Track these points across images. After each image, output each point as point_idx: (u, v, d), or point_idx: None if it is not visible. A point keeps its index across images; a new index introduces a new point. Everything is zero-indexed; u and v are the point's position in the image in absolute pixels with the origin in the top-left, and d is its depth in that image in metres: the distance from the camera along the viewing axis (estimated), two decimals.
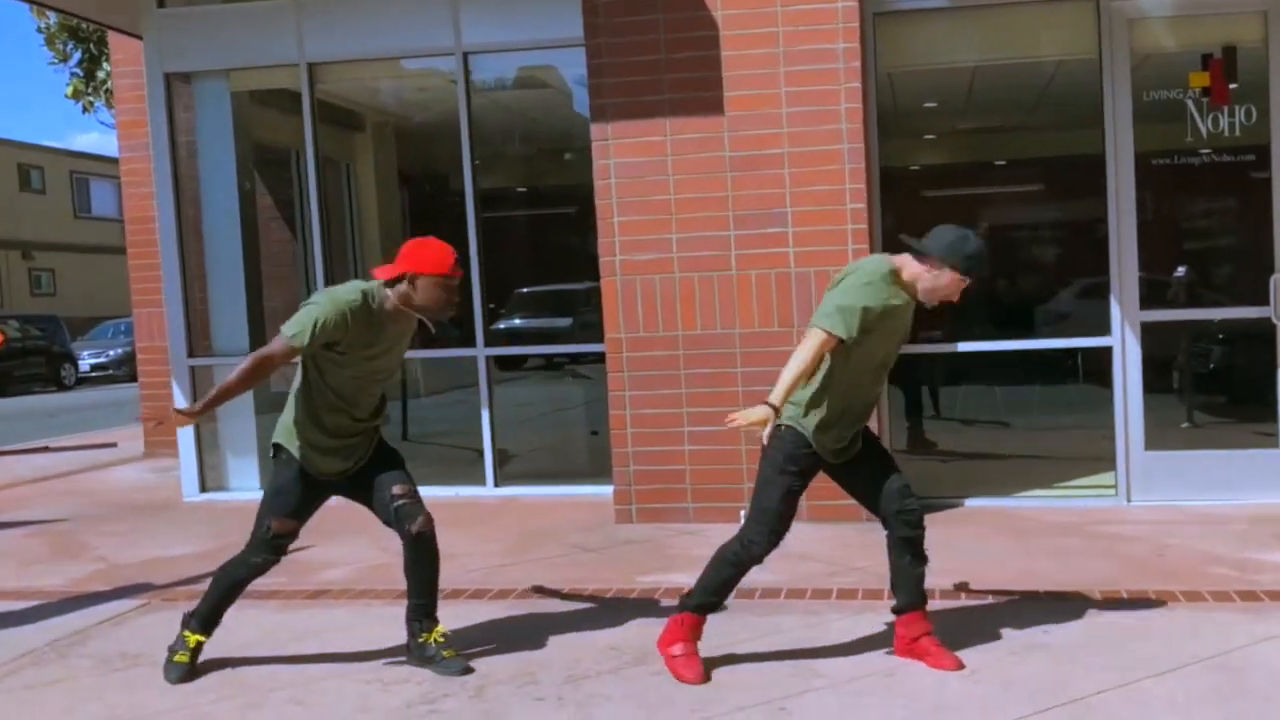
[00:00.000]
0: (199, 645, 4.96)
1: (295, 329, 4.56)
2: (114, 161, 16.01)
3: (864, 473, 4.84)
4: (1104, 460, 7.98)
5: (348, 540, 7.37)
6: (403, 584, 5.21)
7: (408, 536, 4.82)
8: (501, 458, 9.14)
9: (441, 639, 4.90)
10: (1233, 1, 7.56)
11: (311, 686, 4.79)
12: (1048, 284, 10.58)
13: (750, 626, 5.32)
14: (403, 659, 4.99)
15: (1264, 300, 7.52)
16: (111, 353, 29.50)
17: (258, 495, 8.91)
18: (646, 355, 7.61)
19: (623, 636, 5.26)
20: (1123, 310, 7.67)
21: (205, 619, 4.99)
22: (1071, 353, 8.60)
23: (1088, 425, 9.07)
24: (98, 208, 43.47)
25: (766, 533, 4.67)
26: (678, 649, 4.74)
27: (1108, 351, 7.75)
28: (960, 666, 4.65)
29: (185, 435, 9.34)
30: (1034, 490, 8.11)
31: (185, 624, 4.98)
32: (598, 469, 8.56)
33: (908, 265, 4.63)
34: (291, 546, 5.17)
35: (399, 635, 5.12)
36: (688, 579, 5.81)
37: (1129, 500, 7.73)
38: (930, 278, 4.58)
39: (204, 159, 9.41)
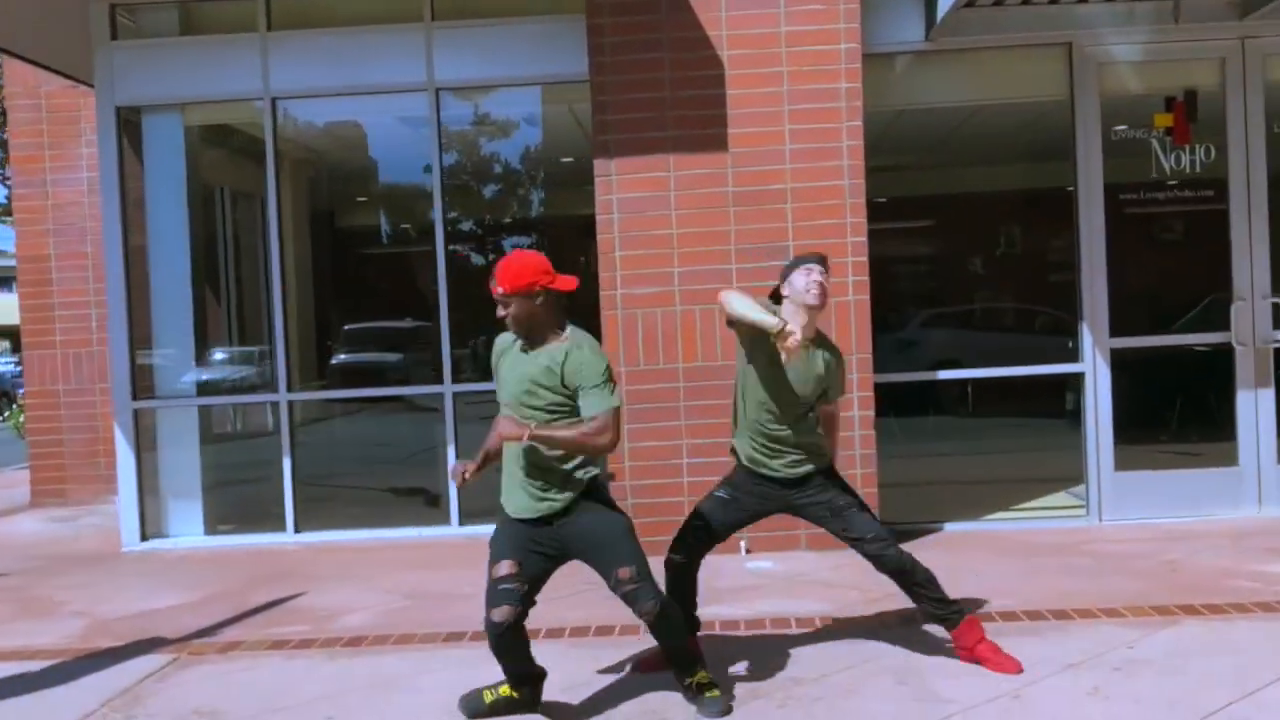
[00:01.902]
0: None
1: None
2: None
3: None
4: (1062, 482, 8.35)
5: (334, 587, 7.19)
6: (435, 626, 5.94)
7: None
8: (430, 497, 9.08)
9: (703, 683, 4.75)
10: (1193, 49, 8.03)
11: None
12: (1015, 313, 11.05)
13: (851, 652, 5.37)
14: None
15: (1226, 326, 8.00)
16: None
17: (202, 542, 8.75)
18: (646, 388, 7.61)
19: (715, 671, 5.23)
20: (1094, 338, 8.03)
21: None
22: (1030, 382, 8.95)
23: (1046, 449, 9.48)
24: None
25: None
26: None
27: (1079, 377, 8.10)
28: (1020, 669, 4.90)
29: (126, 481, 8.91)
30: (1004, 513, 8.40)
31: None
32: None
33: None
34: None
35: (471, 681, 4.98)
36: (729, 610, 6.02)
37: (1100, 519, 8.08)
38: None
39: (152, 196, 9.00)
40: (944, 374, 8.45)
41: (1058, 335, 8.95)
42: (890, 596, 6.30)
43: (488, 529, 8.39)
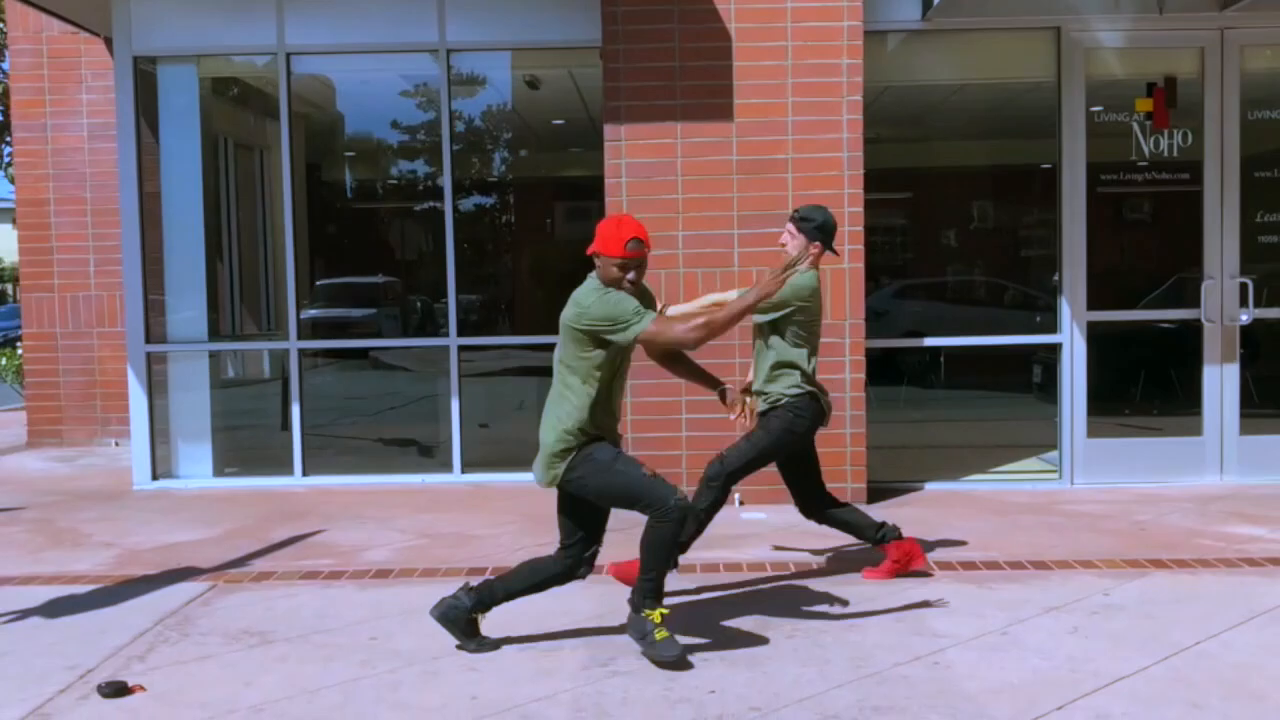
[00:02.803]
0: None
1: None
2: None
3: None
4: (1034, 449, 8.84)
5: (351, 526, 7.56)
6: (456, 562, 6.32)
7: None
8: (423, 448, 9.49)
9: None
10: (1175, 38, 8.46)
11: (472, 655, 5.01)
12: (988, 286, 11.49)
13: (849, 593, 5.80)
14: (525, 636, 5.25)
15: (1192, 304, 8.47)
16: None
17: (210, 483, 9.08)
18: None
19: (726, 608, 5.64)
20: (1071, 310, 8.47)
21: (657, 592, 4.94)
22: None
23: (1017, 419, 9.94)
24: None
25: None
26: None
27: (1057, 348, 8.55)
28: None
29: (139, 424, 9.20)
30: (980, 475, 8.84)
31: (637, 607, 4.89)
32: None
33: None
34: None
35: (501, 610, 5.30)
36: (730, 554, 6.53)
37: (1072, 483, 8.55)
38: None
39: (166, 145, 9.25)
40: (930, 341, 8.86)
41: (1029, 310, 9.40)
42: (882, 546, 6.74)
43: (489, 477, 8.91)
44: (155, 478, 9.22)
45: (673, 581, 5.98)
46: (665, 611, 4.88)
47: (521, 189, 10.40)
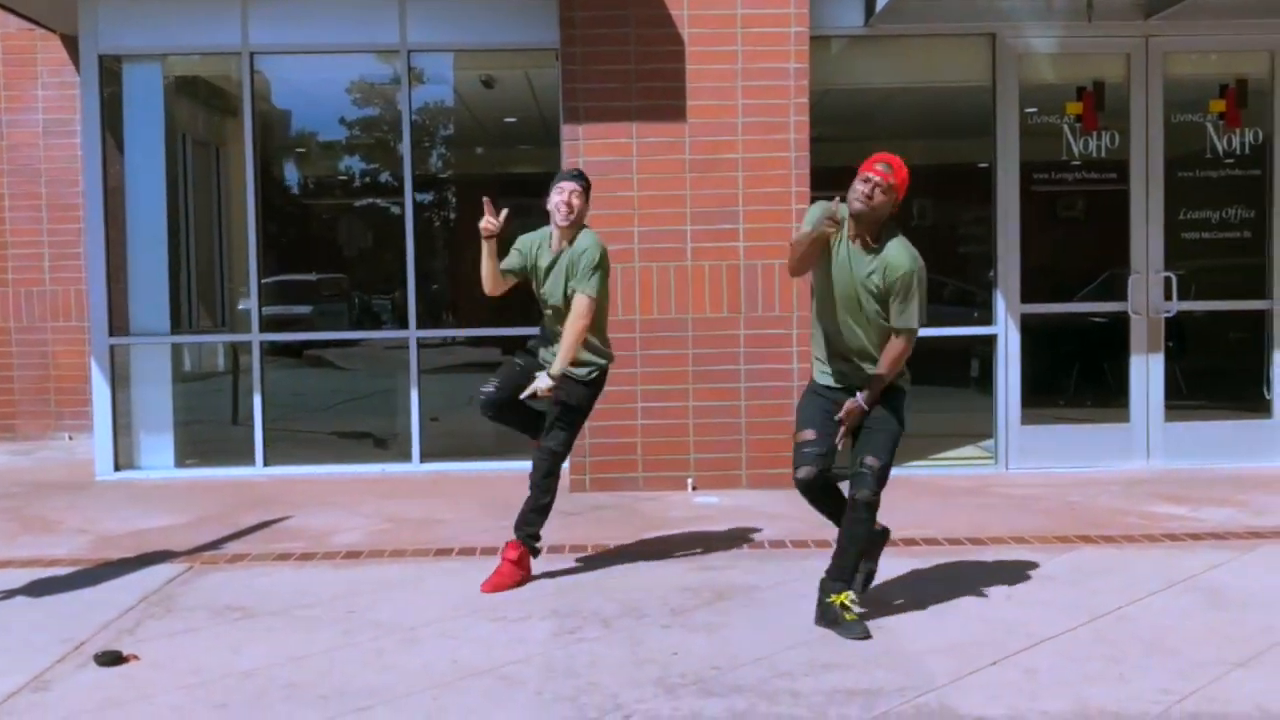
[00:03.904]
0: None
1: None
2: None
3: None
4: (970, 438, 9.30)
5: (318, 512, 7.82)
6: (423, 544, 6.64)
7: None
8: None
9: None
10: (1102, 44, 8.92)
11: (446, 625, 5.32)
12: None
13: (801, 567, 6.16)
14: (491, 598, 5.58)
15: (1123, 297, 8.93)
16: None
17: (172, 473, 9.28)
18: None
19: (686, 581, 5.98)
20: (1006, 303, 8.90)
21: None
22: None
23: (954, 410, 10.37)
24: None
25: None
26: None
27: (992, 339, 8.97)
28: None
29: (102, 415, 9.38)
30: (920, 461, 9.24)
31: (828, 590, 5.16)
32: (504, 447, 9.11)
33: None
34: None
35: (470, 585, 5.83)
36: (682, 534, 6.90)
37: (1007, 468, 8.97)
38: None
39: (130, 143, 9.45)
40: None
41: (967, 305, 9.81)
42: (829, 526, 7.10)
43: (449, 467, 9.20)
44: (118, 468, 9.40)
45: (639, 557, 6.36)
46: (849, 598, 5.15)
47: (476, 185, 10.64)
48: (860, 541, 5.22)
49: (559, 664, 4.78)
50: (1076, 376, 9.73)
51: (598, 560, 6.44)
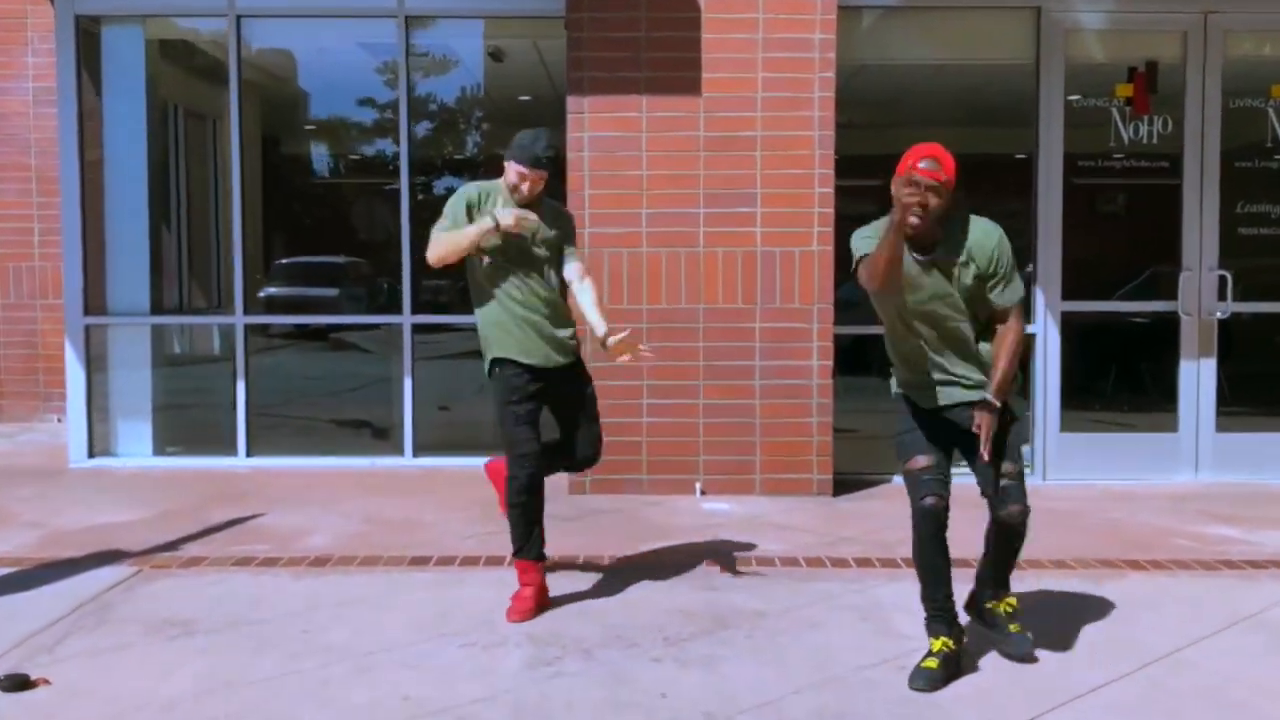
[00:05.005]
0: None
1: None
2: None
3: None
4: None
5: (292, 510, 7.24)
6: (399, 550, 6.08)
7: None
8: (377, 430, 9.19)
9: (1009, 610, 4.73)
10: (1157, 21, 8.20)
11: (407, 651, 4.70)
12: None
13: (813, 590, 5.52)
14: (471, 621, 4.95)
15: (1167, 296, 8.23)
16: None
17: (150, 462, 8.70)
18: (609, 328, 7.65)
19: (685, 603, 5.35)
20: (1046, 300, 8.21)
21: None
22: None
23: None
24: None
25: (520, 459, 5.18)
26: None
27: (1031, 339, 8.28)
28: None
29: (75, 399, 8.83)
30: (952, 469, 8.53)
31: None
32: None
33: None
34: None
35: (443, 602, 5.23)
36: (687, 544, 6.23)
37: (1044, 479, 8.28)
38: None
39: (110, 110, 8.86)
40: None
41: None
42: (846, 541, 6.50)
43: (441, 461, 8.57)
44: (92, 455, 8.85)
45: (635, 572, 5.72)
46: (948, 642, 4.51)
47: (481, 165, 10.02)
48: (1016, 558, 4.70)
49: (529, 705, 4.16)
50: (1118, 381, 9.02)
51: (588, 575, 5.80)
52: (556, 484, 7.81)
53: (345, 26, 9.09)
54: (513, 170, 5.14)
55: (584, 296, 5.33)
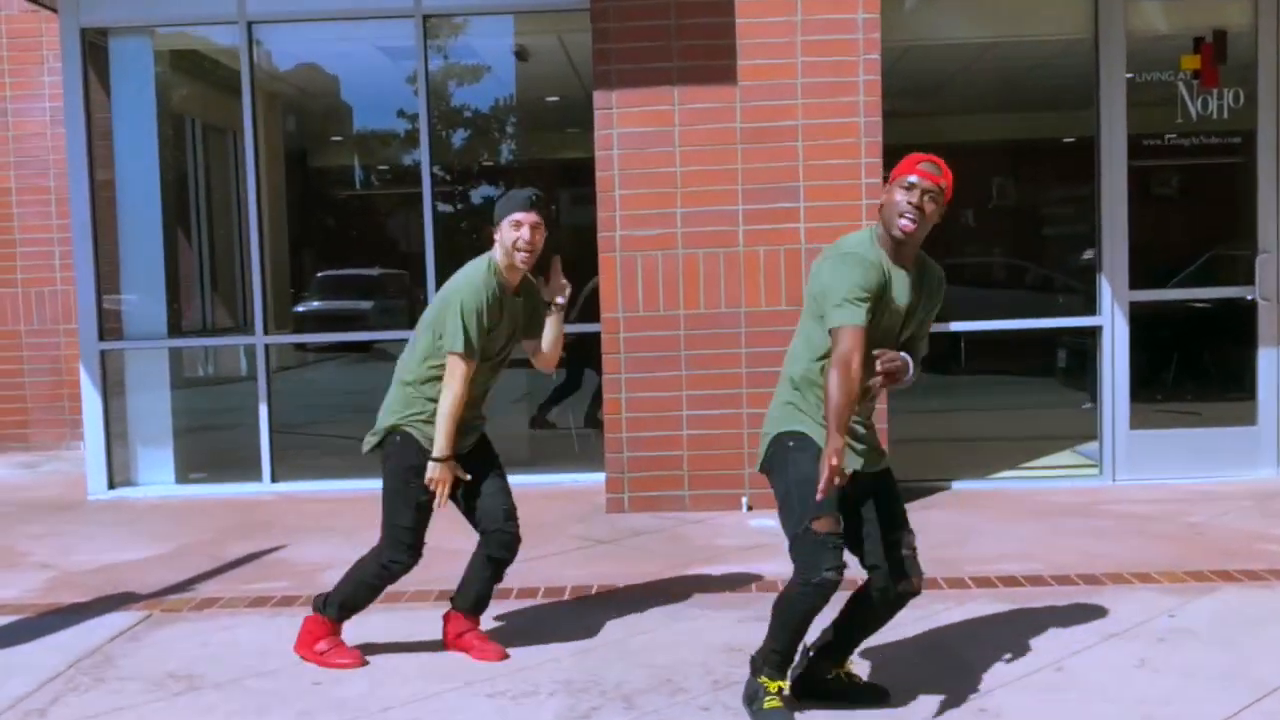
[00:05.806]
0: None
1: None
2: None
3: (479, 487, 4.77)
4: (1066, 440, 8.21)
5: (314, 541, 6.87)
6: (431, 584, 5.34)
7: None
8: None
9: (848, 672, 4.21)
10: None
11: (428, 705, 4.26)
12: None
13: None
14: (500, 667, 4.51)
15: (1231, 281, 7.69)
16: None
17: (172, 491, 8.32)
18: (645, 336, 7.23)
19: (733, 638, 4.89)
20: (1113, 291, 7.68)
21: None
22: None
23: (1043, 406, 9.16)
24: None
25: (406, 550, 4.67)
26: (323, 645, 4.66)
27: (1096, 331, 7.77)
28: (505, 656, 4.63)
29: (92, 427, 8.47)
30: (1012, 471, 8.07)
31: (757, 670, 4.05)
32: (536, 457, 8.27)
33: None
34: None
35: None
36: (734, 570, 5.74)
37: (1114, 479, 7.76)
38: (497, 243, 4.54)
39: (120, 126, 8.50)
40: (959, 325, 8.03)
41: (1053, 292, 8.62)
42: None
43: None
44: (112, 486, 8.48)
45: (679, 603, 5.27)
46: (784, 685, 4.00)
47: (503, 170, 9.63)
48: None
49: None
50: (1187, 372, 8.46)
51: (628, 606, 5.34)
52: (594, 503, 7.43)
53: (361, 29, 8.69)
54: (507, 226, 4.50)
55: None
